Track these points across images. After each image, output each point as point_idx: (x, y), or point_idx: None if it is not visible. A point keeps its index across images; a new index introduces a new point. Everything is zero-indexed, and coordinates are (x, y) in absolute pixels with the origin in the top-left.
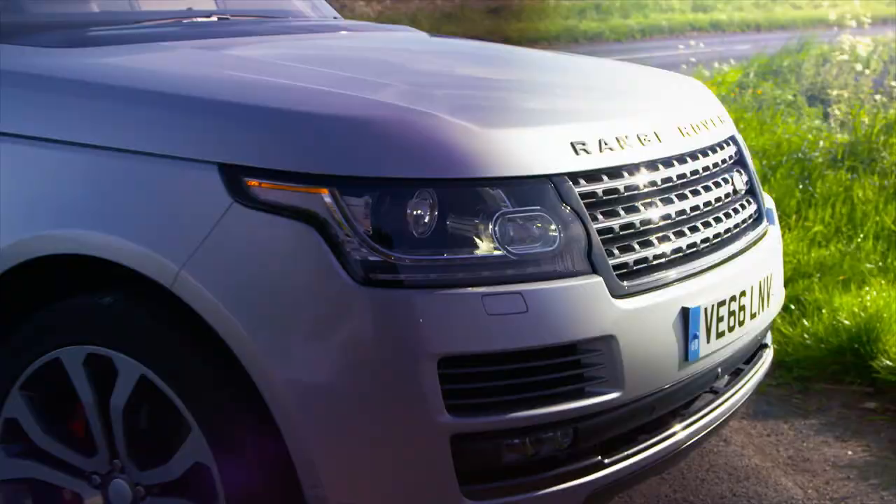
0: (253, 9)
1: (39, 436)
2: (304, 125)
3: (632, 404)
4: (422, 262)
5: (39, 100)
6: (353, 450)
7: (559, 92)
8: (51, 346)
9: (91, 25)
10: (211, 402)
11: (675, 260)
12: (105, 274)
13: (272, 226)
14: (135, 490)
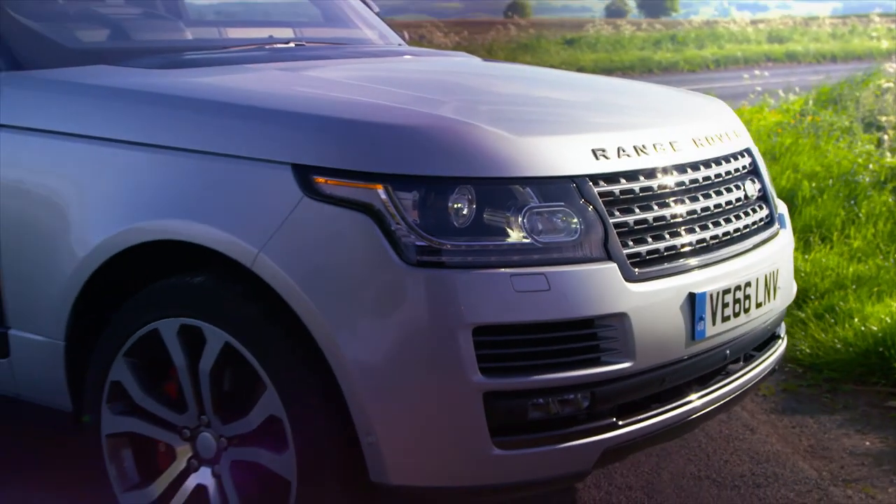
0: (326, 36)
1: (139, 396)
2: (362, 132)
3: (643, 374)
4: (461, 247)
5: (143, 112)
6: (401, 405)
7: (586, 107)
8: (150, 318)
9: (186, 51)
10: (284, 364)
11: (684, 253)
12: (195, 257)
13: (335, 216)
14: (218, 441)
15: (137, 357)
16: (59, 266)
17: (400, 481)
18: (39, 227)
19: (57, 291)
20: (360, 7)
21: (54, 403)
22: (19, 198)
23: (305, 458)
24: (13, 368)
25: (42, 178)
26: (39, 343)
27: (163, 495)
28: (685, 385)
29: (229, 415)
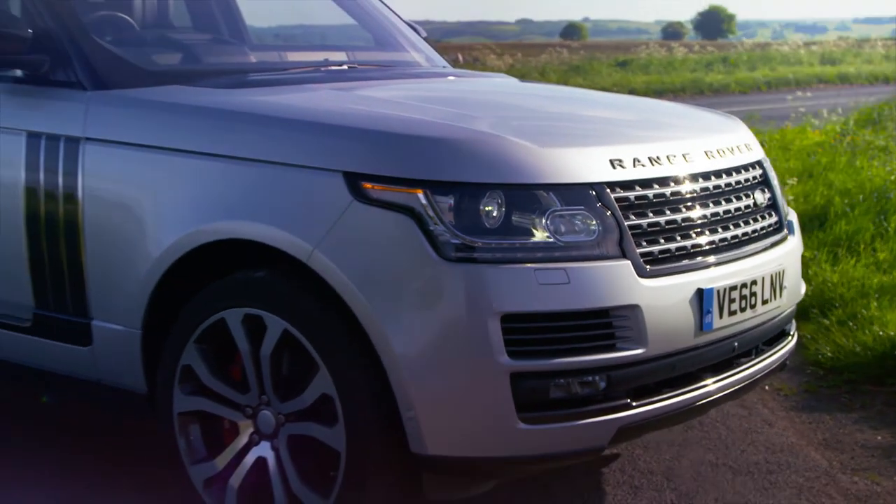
0: (377, 59)
1: (207, 378)
2: (405, 143)
3: (655, 360)
4: (491, 245)
5: (212, 126)
6: (437, 383)
7: (607, 122)
8: (218, 309)
9: (250, 72)
10: (335, 348)
11: (694, 253)
12: (257, 254)
13: (381, 217)
14: (277, 418)
15: (206, 343)
16: (138, 263)
17: (436, 451)
18: (120, 229)
19: (135, 286)
20: (408, 32)
21: (131, 386)
22: (102, 203)
23: (353, 431)
24: (95, 355)
25: (122, 186)
26: (119, 332)
27: (227, 467)
28: (695, 372)
29: (286, 394)
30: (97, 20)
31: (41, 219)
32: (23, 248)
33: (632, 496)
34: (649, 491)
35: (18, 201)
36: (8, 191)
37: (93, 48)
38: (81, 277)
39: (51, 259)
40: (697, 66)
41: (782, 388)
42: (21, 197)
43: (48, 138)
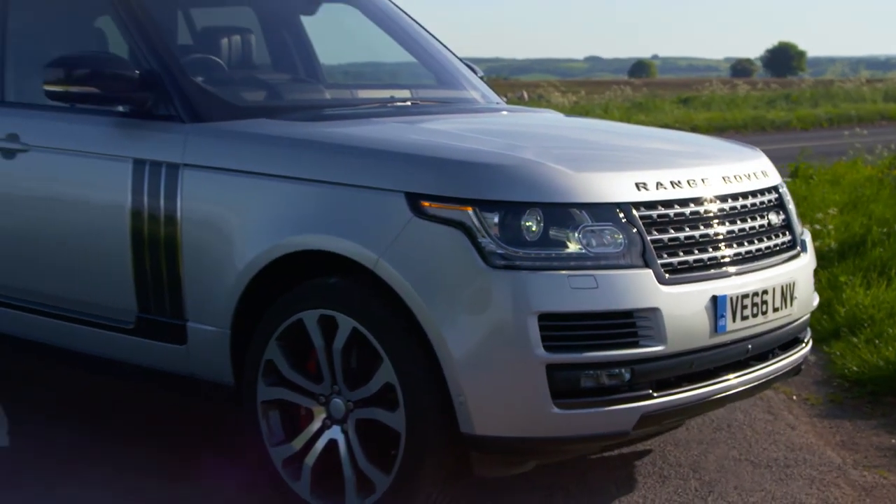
0: (437, 96)
1: (287, 370)
2: (457, 168)
3: (673, 357)
4: (530, 255)
5: (292, 153)
6: (484, 373)
7: (635, 150)
8: (296, 310)
9: (326, 108)
10: (397, 343)
11: (710, 264)
12: (330, 263)
13: (436, 231)
14: (346, 404)
15: (286, 341)
16: (227, 272)
17: (482, 431)
18: (213, 242)
19: (225, 292)
20: (466, 71)
21: (220, 379)
22: (198, 220)
23: (412, 415)
24: (189, 352)
25: (215, 205)
26: (211, 332)
27: (303, 448)
28: (712, 369)
29: (354, 384)
30: (193, 62)
31: (145, 234)
32: (128, 259)
33: (660, 484)
34: (676, 480)
35: (125, 219)
36: (115, 210)
37: (190, 86)
38: (179, 285)
39: (152, 269)
40: (759, 103)
41: (809, 398)
42: (127, 215)
43: (152, 164)
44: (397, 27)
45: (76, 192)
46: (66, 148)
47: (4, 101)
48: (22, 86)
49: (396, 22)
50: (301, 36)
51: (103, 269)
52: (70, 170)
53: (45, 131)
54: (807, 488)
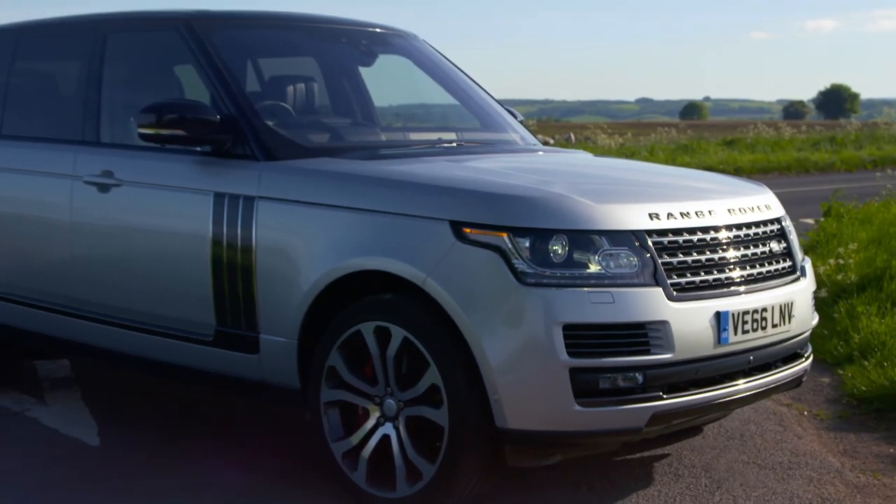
0: (481, 138)
1: (347, 375)
2: (495, 200)
3: (681, 364)
4: (556, 275)
5: (353, 187)
6: (515, 375)
7: (650, 185)
8: (355, 322)
9: (381, 148)
10: (442, 350)
11: (714, 284)
12: (385, 282)
13: (476, 254)
14: (398, 404)
15: (346, 349)
16: (295, 291)
17: (514, 426)
18: (283, 263)
19: (293, 308)
20: (507, 115)
21: (288, 384)
22: (270, 244)
23: (454, 411)
24: (261, 361)
25: (285, 231)
26: (280, 343)
27: (360, 443)
28: (716, 376)
29: (405, 385)
30: (265, 108)
31: (224, 257)
32: (208, 279)
33: (674, 481)
34: (688, 478)
35: (206, 244)
36: (198, 236)
37: (264, 129)
38: (253, 302)
39: (230, 287)
40: (804, 145)
41: (819, 414)
42: (208, 241)
43: (230, 197)
44: (445, 75)
45: (163, 222)
46: (154, 183)
47: (100, 141)
48: (114, 128)
49: (444, 71)
50: (359, 83)
51: (186, 288)
52: (158, 202)
53: (137, 168)
54: (805, 486)
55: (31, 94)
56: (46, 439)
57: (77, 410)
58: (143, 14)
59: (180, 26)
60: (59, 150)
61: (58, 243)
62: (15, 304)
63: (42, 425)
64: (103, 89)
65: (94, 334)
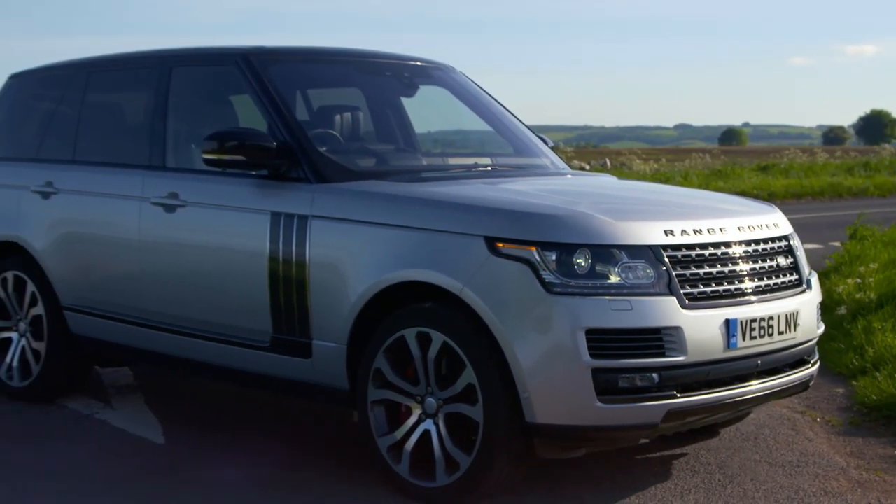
0: (514, 163)
1: (391, 376)
2: (525, 217)
3: (693, 366)
4: (580, 284)
5: (397, 207)
6: (543, 375)
7: (666, 205)
8: (399, 328)
9: (423, 171)
10: (478, 353)
11: (724, 294)
12: (425, 292)
13: (508, 266)
14: (437, 402)
15: (390, 353)
16: (344, 301)
17: (542, 420)
18: (333, 276)
19: (343, 316)
20: (538, 141)
21: (338, 386)
22: (322, 258)
23: (488, 408)
24: (314, 365)
25: (335, 247)
26: (331, 348)
27: (403, 438)
28: (726, 378)
29: (444, 385)
30: (316, 135)
31: (280, 270)
32: (265, 291)
33: (690, 476)
34: (703, 474)
35: (263, 258)
36: (256, 251)
37: (316, 155)
38: (306, 311)
39: (285, 297)
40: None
41: (831, 420)
42: (265, 255)
43: (286, 216)
44: (481, 104)
45: (224, 239)
46: (216, 203)
47: (166, 166)
48: (179, 154)
49: (480, 100)
50: (401, 112)
51: (245, 299)
52: (219, 221)
53: (200, 190)
54: (810, 481)
55: (101, 122)
56: (115, 438)
57: (142, 413)
58: (205, 50)
59: (239, 60)
60: (128, 174)
61: (127, 260)
62: (91, 316)
63: (111, 426)
64: (168, 118)
65: (161, 343)
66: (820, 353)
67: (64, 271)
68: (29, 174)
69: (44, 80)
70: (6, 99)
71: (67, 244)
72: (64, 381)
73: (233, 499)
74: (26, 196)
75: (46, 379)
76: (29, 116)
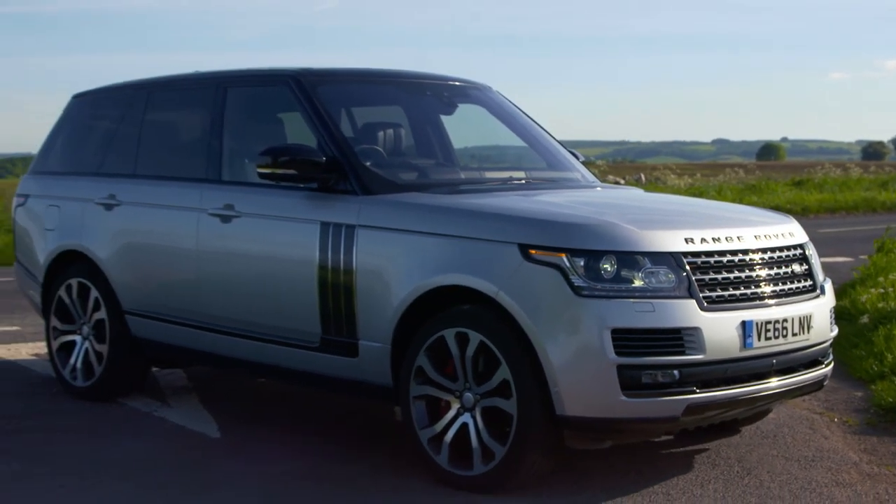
0: (546, 176)
1: (432, 373)
2: (556, 226)
3: (712, 364)
4: (606, 288)
5: (437, 216)
6: (572, 371)
7: (687, 215)
8: (439, 329)
9: (461, 184)
10: (512, 350)
11: (741, 298)
12: (463, 295)
13: (540, 271)
14: (475, 397)
15: (431, 352)
16: (388, 304)
17: (571, 413)
18: (378, 281)
19: (388, 318)
20: (570, 156)
21: (382, 383)
22: (368, 264)
23: (522, 401)
24: (360, 363)
25: (380, 254)
26: (376, 348)
27: (442, 430)
28: (743, 376)
29: (481, 381)
30: (362, 151)
31: (329, 276)
32: (315, 295)
33: (710, 468)
34: (723, 467)
35: (314, 265)
36: (306, 258)
37: (362, 169)
38: (353, 314)
39: (334, 301)
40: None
41: (848, 420)
42: (316, 262)
43: (334, 226)
44: (515, 121)
45: (276, 247)
46: (269, 214)
47: (221, 179)
48: (233, 168)
49: (515, 117)
50: (440, 129)
51: (296, 302)
52: (272, 230)
53: (254, 202)
54: (823, 474)
55: (161, 139)
56: (174, 432)
57: (198, 411)
58: (258, 71)
59: (290, 81)
60: (187, 187)
61: (186, 267)
62: (151, 319)
63: (169, 422)
64: (224, 135)
65: (217, 344)
66: (842, 360)
67: (126, 278)
68: (93, 187)
69: (105, 99)
70: (70, 117)
71: (129, 252)
72: (124, 382)
73: (284, 488)
74: (90, 208)
75: (108, 379)
76: (91, 133)
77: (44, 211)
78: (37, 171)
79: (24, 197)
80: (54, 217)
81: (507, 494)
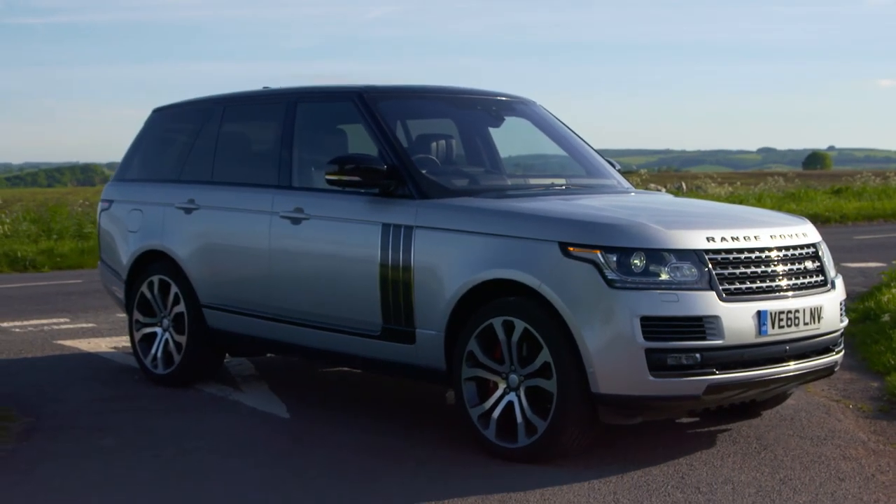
0: (585, 183)
1: (482, 357)
2: (592, 226)
3: (730, 349)
4: (636, 281)
5: (486, 218)
6: (606, 353)
7: (709, 216)
8: (488, 318)
9: (507, 189)
10: (552, 336)
11: (757, 290)
12: (509, 288)
13: (577, 266)
14: (519, 377)
15: (481, 338)
16: (442, 296)
17: (605, 391)
18: (433, 276)
19: (442, 308)
20: (607, 165)
21: (437, 367)
22: (424, 261)
23: (561, 381)
24: (416, 350)
25: (435, 252)
26: (431, 335)
27: (490, 408)
28: (759, 360)
29: (525, 363)
30: (418, 160)
31: (389, 272)
32: (377, 290)
33: (730, 445)
34: (742, 443)
35: (376, 262)
36: (369, 256)
37: (420, 176)
38: (411, 305)
39: (393, 294)
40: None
41: (862, 407)
42: (377, 259)
43: (394, 227)
44: (557, 133)
45: (342, 246)
46: (336, 217)
47: (292, 185)
48: (302, 175)
49: (557, 129)
50: (488, 140)
51: (359, 296)
52: (338, 231)
53: (321, 205)
54: (833, 450)
55: (236, 149)
56: (248, 413)
57: (268, 396)
58: (325, 88)
59: (354, 97)
60: (260, 193)
61: (259, 264)
62: (227, 312)
63: (243, 405)
64: (294, 145)
65: (287, 334)
66: (863, 354)
67: (203, 274)
68: (173, 193)
69: (183, 113)
70: (151, 129)
71: (207, 251)
72: (201, 369)
73: (349, 462)
74: (171, 211)
75: (186, 367)
76: (171, 143)
77: (127, 215)
78: (120, 178)
79: (108, 202)
80: (137, 220)
81: (548, 464)
